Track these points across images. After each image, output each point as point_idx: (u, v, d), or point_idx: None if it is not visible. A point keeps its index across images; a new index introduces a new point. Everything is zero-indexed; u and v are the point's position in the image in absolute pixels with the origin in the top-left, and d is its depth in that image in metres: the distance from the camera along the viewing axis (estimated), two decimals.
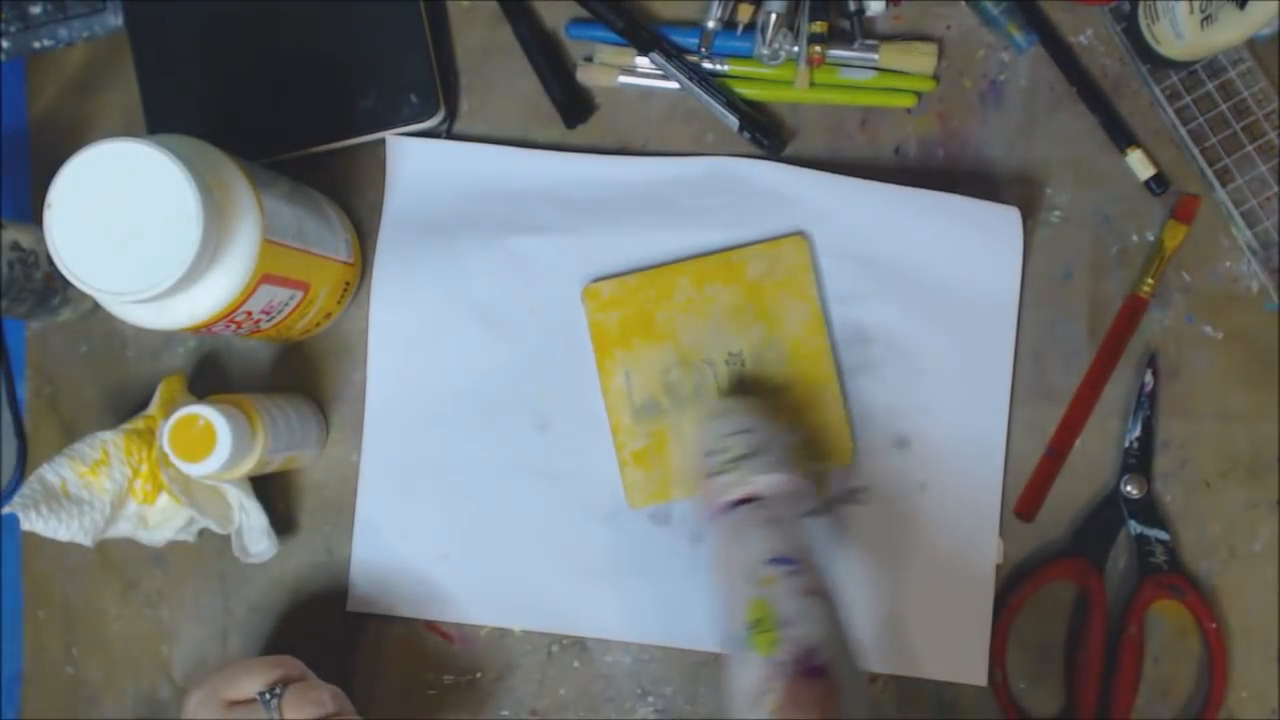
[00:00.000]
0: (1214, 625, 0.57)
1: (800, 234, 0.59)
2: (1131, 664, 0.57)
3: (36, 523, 0.53)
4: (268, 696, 0.49)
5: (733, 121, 0.59)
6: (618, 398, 0.59)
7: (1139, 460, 0.58)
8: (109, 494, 0.55)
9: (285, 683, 0.50)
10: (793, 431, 0.57)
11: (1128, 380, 0.59)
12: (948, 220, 0.58)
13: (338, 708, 0.50)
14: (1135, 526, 0.58)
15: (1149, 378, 0.59)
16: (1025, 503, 0.59)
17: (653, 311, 0.59)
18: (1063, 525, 0.59)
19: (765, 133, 0.60)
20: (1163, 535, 0.58)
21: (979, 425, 0.59)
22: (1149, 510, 0.58)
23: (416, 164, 0.61)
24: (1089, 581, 0.58)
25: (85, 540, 0.54)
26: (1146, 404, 0.58)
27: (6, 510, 0.53)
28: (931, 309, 0.59)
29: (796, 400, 0.58)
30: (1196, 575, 0.58)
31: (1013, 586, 0.58)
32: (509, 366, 0.60)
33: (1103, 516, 0.59)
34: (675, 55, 0.60)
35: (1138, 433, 0.59)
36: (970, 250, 0.58)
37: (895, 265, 0.59)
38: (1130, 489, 0.58)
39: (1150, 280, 0.59)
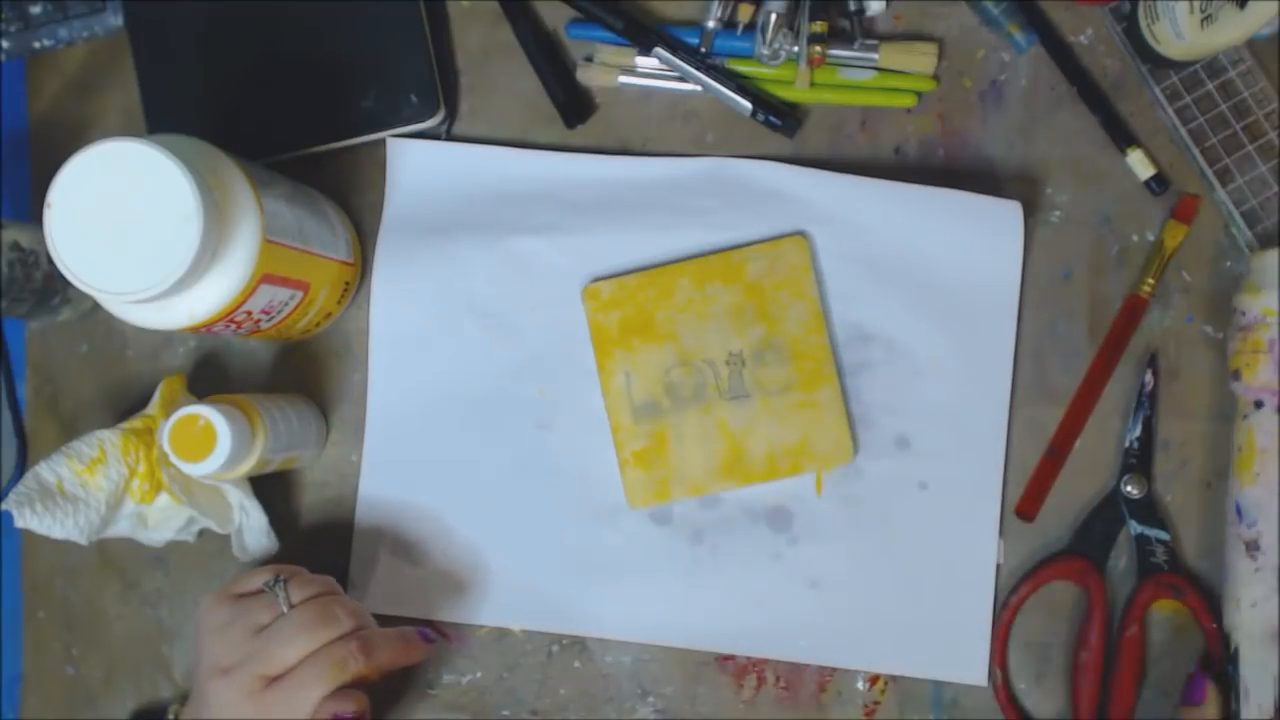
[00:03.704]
0: (1214, 625, 0.57)
1: (800, 234, 0.59)
2: (1131, 664, 0.57)
3: (31, 520, 0.53)
4: (273, 582, 0.52)
5: (745, 106, 0.59)
6: (618, 398, 0.59)
7: (1139, 460, 0.58)
8: (105, 493, 0.54)
9: (289, 575, 0.54)
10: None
11: (1128, 380, 0.59)
12: (949, 215, 0.58)
13: (335, 590, 0.54)
14: (1135, 526, 0.58)
15: (1149, 378, 0.59)
16: (1025, 503, 0.59)
17: (653, 311, 0.59)
18: (1063, 525, 0.59)
19: (779, 113, 0.59)
20: (1163, 535, 0.58)
21: (979, 425, 0.59)
22: (1149, 510, 0.58)
23: (416, 165, 0.61)
24: (1089, 581, 0.58)
25: (81, 539, 0.54)
26: (1146, 404, 0.58)
27: (2, 507, 0.53)
28: (932, 308, 0.59)
29: (796, 400, 0.58)
30: (1196, 575, 0.58)
31: (1013, 586, 0.58)
32: (509, 366, 0.60)
33: (1103, 516, 0.59)
34: (680, 48, 0.60)
35: (1138, 433, 0.59)
36: (971, 245, 0.58)
37: (896, 264, 0.59)
38: (1130, 489, 0.58)
39: (1150, 280, 0.59)
